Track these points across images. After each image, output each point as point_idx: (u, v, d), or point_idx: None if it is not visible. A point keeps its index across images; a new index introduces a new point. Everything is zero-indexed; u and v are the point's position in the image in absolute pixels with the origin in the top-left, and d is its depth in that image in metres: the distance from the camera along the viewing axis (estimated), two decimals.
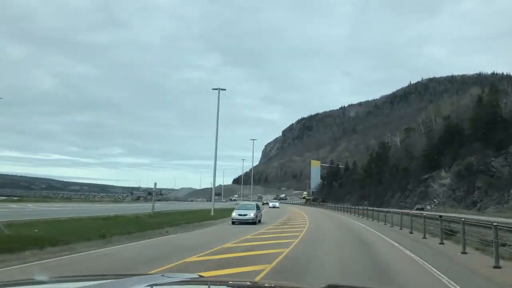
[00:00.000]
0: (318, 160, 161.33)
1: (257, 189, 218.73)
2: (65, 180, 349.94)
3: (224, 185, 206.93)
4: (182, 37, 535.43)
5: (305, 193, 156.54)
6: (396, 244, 16.89)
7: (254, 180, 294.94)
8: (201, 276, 2.47)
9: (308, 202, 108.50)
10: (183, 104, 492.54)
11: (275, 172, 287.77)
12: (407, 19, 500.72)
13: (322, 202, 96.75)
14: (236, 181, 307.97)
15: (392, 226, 27.69)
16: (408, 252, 14.49)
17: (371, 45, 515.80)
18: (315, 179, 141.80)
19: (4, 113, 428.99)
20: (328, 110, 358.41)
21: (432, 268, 10.82)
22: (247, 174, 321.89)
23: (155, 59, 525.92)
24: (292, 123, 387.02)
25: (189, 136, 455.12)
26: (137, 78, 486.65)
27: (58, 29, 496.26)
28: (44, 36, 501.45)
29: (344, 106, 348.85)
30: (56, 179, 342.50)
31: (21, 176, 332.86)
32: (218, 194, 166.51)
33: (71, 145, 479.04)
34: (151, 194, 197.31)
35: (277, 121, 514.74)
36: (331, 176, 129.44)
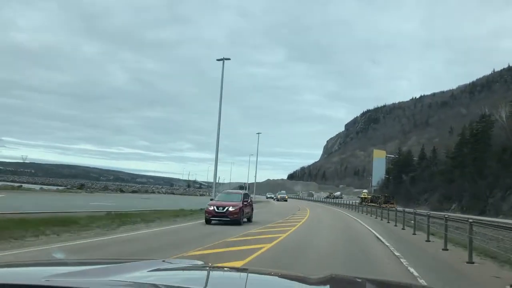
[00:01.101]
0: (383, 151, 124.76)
1: (311, 185, 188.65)
2: (133, 173, 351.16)
3: (274, 180, 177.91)
4: (247, 33, 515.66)
5: (365, 191, 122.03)
6: None
7: (311, 176, 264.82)
8: (204, 263, 2.44)
9: (365, 202, 65.80)
10: (247, 101, 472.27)
11: (334, 168, 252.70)
12: (485, 10, 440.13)
13: (386, 203, 57.27)
14: (292, 176, 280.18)
15: None
16: None
17: (444, 37, 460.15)
18: (379, 173, 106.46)
19: (80, 108, 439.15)
20: (397, 102, 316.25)
21: None
22: (303, 170, 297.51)
23: (220, 55, 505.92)
24: (356, 116, 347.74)
25: (252, 132, 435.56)
26: (202, 74, 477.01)
27: (129, 27, 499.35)
28: (117, 34, 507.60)
29: (415, 97, 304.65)
30: (125, 171, 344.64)
31: (94, 168, 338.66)
32: (262, 189, 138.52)
33: (142, 139, 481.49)
34: (189, 187, 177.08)
35: (341, 117, 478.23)
36: (399, 168, 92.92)
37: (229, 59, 36.40)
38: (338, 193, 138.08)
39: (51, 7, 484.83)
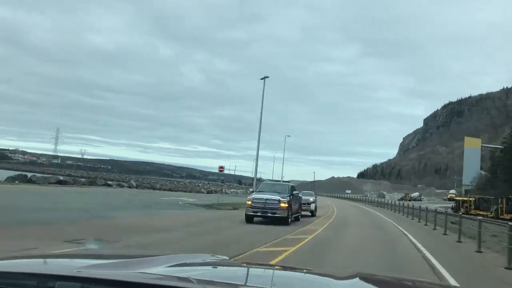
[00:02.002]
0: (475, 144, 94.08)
1: (382, 185, 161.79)
2: (205, 170, 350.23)
3: (339, 178, 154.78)
4: (319, 29, 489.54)
5: (452, 191, 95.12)
6: None
7: (384, 174, 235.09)
8: (229, 258, 2.48)
9: (463, 208, 39.14)
10: (319, 98, 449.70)
11: (411, 166, 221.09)
12: None
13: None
14: (362, 175, 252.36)
15: None
16: None
17: None
18: (472, 168, 79.51)
19: (158, 108, 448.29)
20: (484, 93, 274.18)
21: None
22: (375, 168, 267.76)
23: (291, 52, 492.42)
24: (437, 109, 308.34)
25: (325, 131, 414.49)
26: (274, 73, 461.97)
27: (201, 27, 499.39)
28: (190, 35, 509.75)
29: (506, 87, 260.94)
30: (198, 168, 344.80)
31: (168, 165, 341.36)
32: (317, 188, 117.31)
33: (215, 138, 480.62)
34: (240, 183, 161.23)
35: (418, 114, 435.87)
36: (499, 162, 65.01)
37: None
38: (417, 194, 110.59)
39: (128, 10, 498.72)
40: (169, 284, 1.37)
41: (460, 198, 48.95)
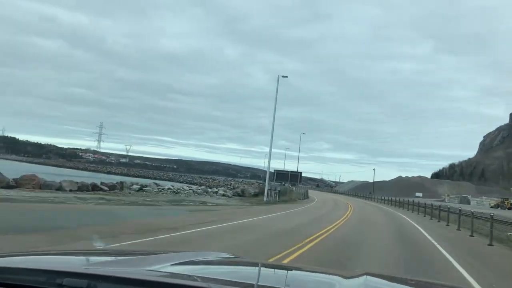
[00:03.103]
0: None
1: (463, 186, 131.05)
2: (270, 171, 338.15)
3: (407, 178, 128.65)
4: (390, 26, 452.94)
5: None
6: None
7: (463, 175, 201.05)
8: (236, 257, 2.46)
9: None
10: (389, 98, 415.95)
11: (497, 165, 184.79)
12: None
13: None
14: (436, 175, 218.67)
15: None
16: None
17: None
18: None
19: (226, 109, 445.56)
20: None
21: None
22: (452, 167, 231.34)
23: (360, 51, 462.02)
24: None
25: (394, 132, 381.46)
26: (342, 72, 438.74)
27: (268, 27, 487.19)
28: (256, 35, 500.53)
29: None
30: (262, 169, 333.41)
31: (234, 165, 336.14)
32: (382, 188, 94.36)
33: (282, 139, 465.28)
34: (318, 186, 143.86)
35: (499, 114, 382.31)
36: None
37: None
38: None
39: (198, 14, 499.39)
40: (175, 282, 1.35)
41: None
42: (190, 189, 42.57)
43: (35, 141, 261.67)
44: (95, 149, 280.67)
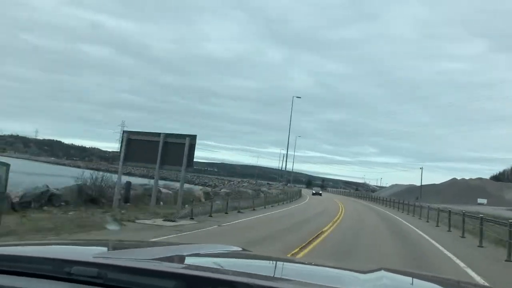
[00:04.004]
0: None
1: None
2: (312, 175, 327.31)
3: (465, 180, 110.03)
4: (438, 24, 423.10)
5: None
6: None
7: None
8: (244, 250, 2.42)
9: None
10: (438, 99, 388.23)
11: None
12: None
13: None
14: (497, 178, 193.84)
15: None
16: None
17: None
18: None
19: (268, 113, 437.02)
20: None
21: None
22: None
23: (406, 51, 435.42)
24: None
25: (444, 134, 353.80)
26: (387, 73, 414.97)
27: (311, 29, 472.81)
28: (298, 37, 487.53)
29: None
30: (305, 173, 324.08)
31: (275, 169, 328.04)
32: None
33: (326, 143, 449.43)
34: (357, 190, 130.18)
35: None
36: None
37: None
38: None
39: (240, 17, 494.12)
40: (184, 272, 1.32)
41: None
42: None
43: (80, 145, 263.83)
44: None
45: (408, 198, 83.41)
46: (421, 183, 52.92)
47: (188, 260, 1.66)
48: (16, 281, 1.26)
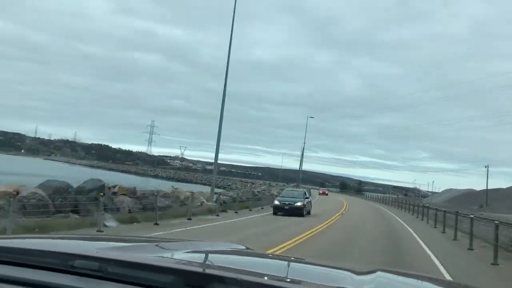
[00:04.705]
0: None
1: None
2: (362, 180, 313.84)
3: None
4: (495, 22, 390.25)
5: None
6: None
7: None
8: (247, 248, 2.43)
9: None
10: (496, 102, 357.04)
11: None
12: None
13: None
14: None
15: None
16: None
17: None
18: None
19: (316, 118, 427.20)
20: None
21: None
22: None
23: (460, 51, 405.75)
24: None
25: (504, 139, 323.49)
26: (440, 75, 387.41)
27: (361, 31, 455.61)
28: (348, 39, 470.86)
29: None
30: (353, 178, 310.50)
31: (321, 173, 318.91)
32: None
33: (376, 147, 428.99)
34: (406, 195, 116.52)
35: None
36: None
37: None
38: None
39: (288, 21, 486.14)
40: (186, 269, 1.34)
41: None
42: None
43: (127, 149, 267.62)
44: (183, 156, 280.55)
45: (467, 205, 70.04)
46: (486, 186, 40.57)
47: (188, 256, 1.68)
48: (24, 272, 1.28)
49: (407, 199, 78.90)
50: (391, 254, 11.70)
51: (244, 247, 2.38)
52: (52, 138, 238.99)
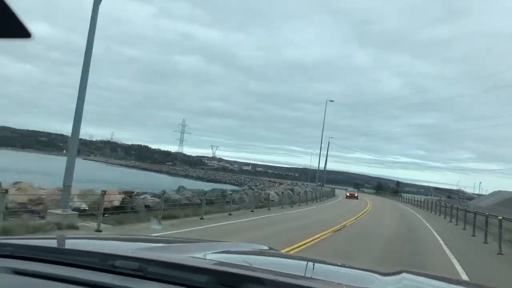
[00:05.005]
0: None
1: None
2: (402, 182, 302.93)
3: None
4: None
5: None
6: None
7: None
8: (271, 249, 2.46)
9: None
10: None
11: None
12: None
13: None
14: None
15: None
16: None
17: None
18: None
19: (353, 117, 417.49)
20: None
21: None
22: None
23: (503, 48, 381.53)
24: None
25: None
26: (484, 73, 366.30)
27: (400, 29, 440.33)
28: (388, 38, 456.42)
29: None
30: (391, 179, 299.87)
31: (360, 175, 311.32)
32: None
33: (417, 148, 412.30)
34: (450, 197, 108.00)
35: None
36: None
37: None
38: None
39: (325, 20, 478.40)
40: (215, 269, 1.39)
41: None
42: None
43: (165, 150, 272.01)
44: (220, 157, 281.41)
45: None
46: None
47: (219, 257, 1.75)
48: (69, 271, 1.36)
49: (450, 201, 72.50)
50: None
51: (268, 248, 2.43)
52: (94, 139, 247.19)
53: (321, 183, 67.03)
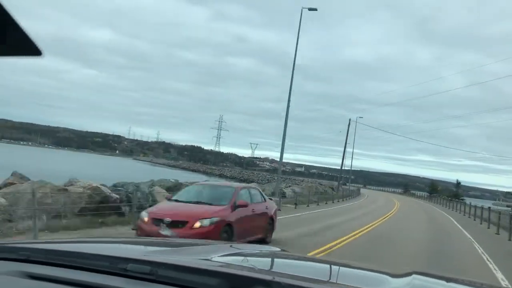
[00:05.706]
0: None
1: None
2: (465, 185, 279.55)
3: None
4: None
5: None
6: None
7: None
8: (283, 250, 2.47)
9: None
10: None
11: None
12: None
13: None
14: None
15: None
16: None
17: None
18: None
19: (416, 118, 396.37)
20: None
21: None
22: None
23: None
24: None
25: None
26: None
27: (466, 25, 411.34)
28: (452, 35, 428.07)
29: None
30: (451, 182, 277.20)
31: (424, 178, 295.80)
32: None
33: (483, 150, 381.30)
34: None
35: None
36: None
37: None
38: None
39: (385, 18, 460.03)
40: (226, 271, 1.38)
41: None
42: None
43: (218, 150, 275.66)
44: (273, 158, 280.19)
45: None
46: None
47: (230, 259, 1.74)
48: (79, 275, 1.35)
49: None
50: None
51: (280, 249, 2.44)
52: (149, 140, 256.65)
53: (343, 181, 62.59)
